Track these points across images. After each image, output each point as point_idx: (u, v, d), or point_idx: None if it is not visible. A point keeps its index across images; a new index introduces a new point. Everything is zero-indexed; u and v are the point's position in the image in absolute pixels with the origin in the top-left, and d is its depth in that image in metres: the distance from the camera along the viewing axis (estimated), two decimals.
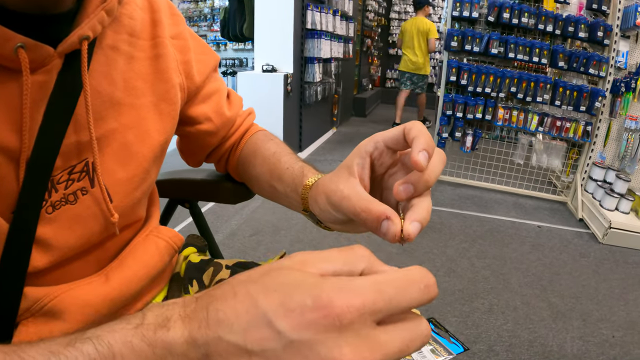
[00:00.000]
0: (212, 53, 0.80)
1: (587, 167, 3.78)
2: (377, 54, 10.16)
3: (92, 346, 0.32)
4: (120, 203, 0.62)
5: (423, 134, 0.47)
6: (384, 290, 0.30)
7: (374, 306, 0.29)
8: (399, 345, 0.30)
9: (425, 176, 0.47)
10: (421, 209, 0.47)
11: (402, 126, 0.50)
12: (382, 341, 0.29)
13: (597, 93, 3.52)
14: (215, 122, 0.80)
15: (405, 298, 0.30)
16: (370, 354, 0.28)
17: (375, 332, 0.29)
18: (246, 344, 0.30)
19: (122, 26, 0.61)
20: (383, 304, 0.29)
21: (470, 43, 3.72)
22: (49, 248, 0.55)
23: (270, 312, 0.29)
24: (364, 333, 0.29)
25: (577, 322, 2.23)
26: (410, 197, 0.48)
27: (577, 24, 3.53)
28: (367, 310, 0.29)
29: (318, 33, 4.75)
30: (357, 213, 0.49)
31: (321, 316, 0.28)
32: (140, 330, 0.33)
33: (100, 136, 0.58)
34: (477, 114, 3.83)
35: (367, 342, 0.29)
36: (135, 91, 0.62)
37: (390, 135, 0.51)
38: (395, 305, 0.30)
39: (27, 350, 0.33)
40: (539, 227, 3.47)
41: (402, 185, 0.48)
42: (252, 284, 0.32)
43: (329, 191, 0.54)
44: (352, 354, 0.28)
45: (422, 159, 0.45)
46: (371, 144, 0.53)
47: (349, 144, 5.88)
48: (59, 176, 0.54)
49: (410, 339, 0.31)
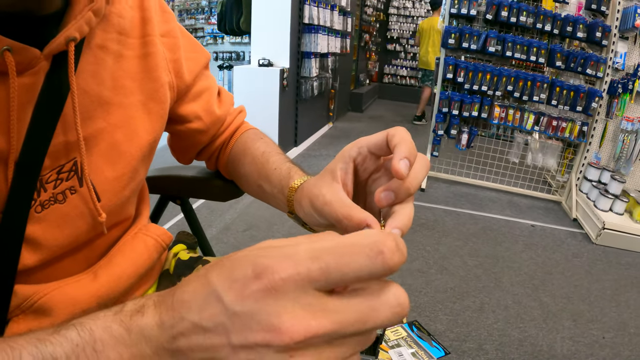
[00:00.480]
0: (203, 51, 0.80)
1: (582, 167, 3.79)
2: (375, 49, 10.15)
3: (76, 332, 0.34)
4: (109, 202, 0.62)
5: (405, 141, 0.47)
6: (321, 257, 0.29)
7: (309, 274, 0.28)
8: (354, 314, 0.29)
9: (407, 184, 0.47)
10: (402, 215, 0.47)
11: (386, 132, 0.49)
12: (331, 309, 0.28)
13: (594, 93, 3.52)
14: (206, 120, 0.79)
15: (348, 266, 0.29)
16: (317, 321, 0.28)
17: (323, 300, 0.28)
18: (201, 321, 0.30)
19: (111, 25, 0.61)
20: (320, 273, 0.28)
21: (467, 41, 3.71)
22: (38, 247, 0.55)
23: (219, 286, 0.29)
24: (305, 301, 0.28)
25: (567, 323, 2.24)
26: (391, 204, 0.48)
27: (576, 23, 3.52)
28: (303, 278, 0.28)
29: (315, 28, 4.74)
30: (338, 219, 0.49)
31: (259, 285, 0.28)
32: (119, 317, 0.34)
33: (89, 136, 0.58)
34: (473, 112, 3.83)
35: (311, 309, 0.28)
36: (124, 90, 0.62)
37: (374, 141, 0.51)
38: (336, 274, 0.28)
39: (16, 339, 0.34)
40: (533, 226, 3.48)
41: (383, 192, 0.47)
42: (212, 266, 0.32)
43: (312, 196, 0.54)
44: (292, 321, 0.27)
45: (403, 167, 0.44)
46: (355, 149, 0.52)
47: (345, 139, 5.87)
48: (48, 176, 0.55)
49: (371, 307, 0.29)
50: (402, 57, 10.58)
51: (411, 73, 10.48)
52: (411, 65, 10.46)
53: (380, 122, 7.52)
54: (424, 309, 2.25)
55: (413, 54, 10.40)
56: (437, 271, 2.64)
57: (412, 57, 10.42)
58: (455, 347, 1.96)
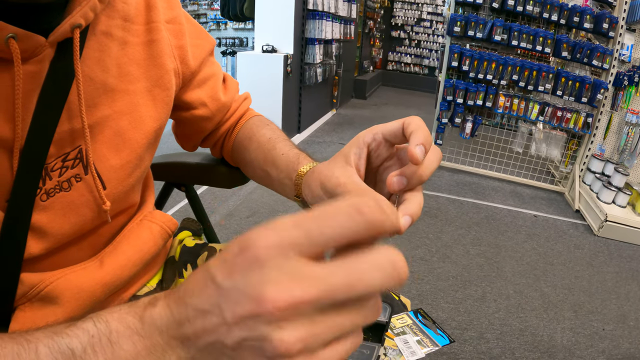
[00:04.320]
0: (208, 37, 0.79)
1: (586, 158, 3.78)
2: (380, 36, 10.08)
3: (92, 323, 0.34)
4: (114, 190, 0.62)
5: (421, 129, 0.48)
6: (303, 223, 0.28)
7: (292, 240, 0.28)
8: (341, 279, 0.27)
9: (420, 170, 0.47)
10: (413, 203, 0.48)
11: (402, 120, 0.50)
12: (317, 275, 0.27)
13: (600, 85, 3.50)
14: (211, 107, 0.79)
15: (330, 227, 0.28)
16: (301, 288, 0.27)
17: (308, 266, 0.28)
18: (200, 304, 0.30)
19: (115, 11, 0.60)
20: (302, 237, 0.28)
21: (473, 29, 3.69)
22: (44, 235, 0.55)
23: (212, 269, 0.30)
24: (289, 269, 0.27)
25: (568, 313, 2.24)
26: (402, 189, 0.48)
27: (583, 14, 3.49)
28: (286, 245, 0.28)
29: (320, 14, 4.70)
30: None
31: (244, 258, 0.28)
32: (133, 309, 0.35)
33: (94, 123, 0.57)
34: (477, 101, 3.81)
35: (295, 276, 0.27)
36: (129, 77, 0.61)
37: (389, 128, 0.52)
38: (319, 237, 0.28)
39: (32, 333, 0.34)
40: (535, 216, 3.48)
41: (396, 177, 0.48)
42: (215, 256, 0.33)
43: (324, 177, 0.54)
44: (276, 289, 0.27)
45: (418, 153, 0.45)
46: (370, 135, 0.53)
47: (348, 126, 5.86)
48: (53, 164, 0.54)
49: (359, 270, 0.28)
50: (407, 44, 10.50)
51: (415, 60, 10.42)
52: (415, 53, 10.40)
53: (384, 109, 7.50)
54: (426, 297, 2.25)
55: (418, 41, 10.34)
56: (439, 259, 2.64)
57: (417, 44, 10.35)
58: (456, 335, 1.97)
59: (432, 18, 10.06)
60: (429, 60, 10.27)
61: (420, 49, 10.38)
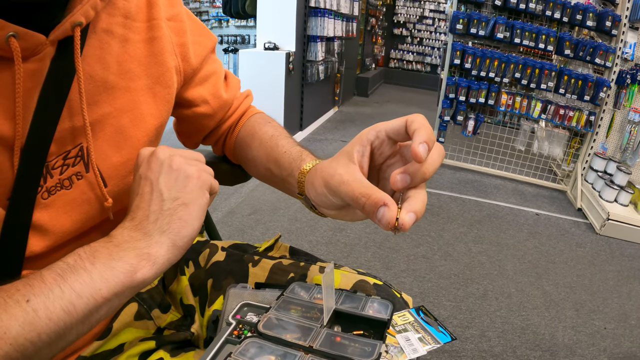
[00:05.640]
0: (210, 34, 0.79)
1: (588, 157, 3.78)
2: (382, 33, 10.07)
3: (70, 256, 0.46)
4: (115, 187, 0.61)
5: (424, 127, 0.48)
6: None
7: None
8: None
9: (423, 168, 0.48)
10: (417, 200, 0.48)
11: (405, 118, 0.51)
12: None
13: (602, 83, 3.49)
14: (212, 104, 0.79)
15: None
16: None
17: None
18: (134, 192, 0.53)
19: (116, 9, 0.60)
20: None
21: (475, 26, 3.68)
22: (46, 233, 0.55)
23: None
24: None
25: (570, 312, 2.24)
26: (406, 187, 0.49)
27: (586, 12, 3.48)
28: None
29: (322, 11, 4.70)
30: (355, 197, 0.49)
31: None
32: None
33: (95, 121, 0.57)
34: (480, 99, 3.81)
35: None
36: (130, 74, 0.61)
37: (392, 126, 0.52)
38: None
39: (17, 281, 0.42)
40: (537, 214, 3.48)
41: (399, 174, 0.49)
42: None
43: (327, 175, 0.54)
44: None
45: (422, 151, 0.46)
46: (373, 133, 0.54)
47: (350, 123, 5.86)
48: (54, 162, 0.54)
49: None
50: (409, 42, 10.50)
51: (417, 58, 10.41)
52: (417, 50, 10.39)
53: (386, 107, 7.50)
54: (428, 294, 2.26)
55: (420, 39, 10.33)
56: (441, 257, 2.64)
57: (419, 41, 10.34)
58: (458, 333, 1.97)
59: (435, 15, 10.05)
60: (431, 58, 10.26)
61: (423, 46, 10.37)
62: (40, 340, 0.40)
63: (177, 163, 0.53)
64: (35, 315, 0.39)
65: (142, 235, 0.49)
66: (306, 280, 0.74)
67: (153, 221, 0.50)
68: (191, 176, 0.53)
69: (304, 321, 0.56)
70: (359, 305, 0.60)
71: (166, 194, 0.51)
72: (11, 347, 0.38)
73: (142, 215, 0.50)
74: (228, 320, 0.57)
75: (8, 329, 0.38)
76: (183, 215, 0.51)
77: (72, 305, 0.42)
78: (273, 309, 0.58)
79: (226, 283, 0.77)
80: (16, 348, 0.38)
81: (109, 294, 0.44)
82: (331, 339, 0.52)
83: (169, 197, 0.51)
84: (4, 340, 0.37)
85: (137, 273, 0.46)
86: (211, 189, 0.56)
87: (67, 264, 0.44)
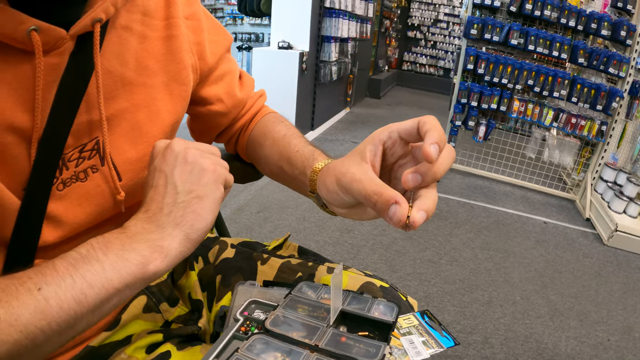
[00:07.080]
0: (226, 34, 0.80)
1: (598, 167, 3.75)
2: (396, 35, 10.05)
3: (83, 247, 0.46)
4: (130, 181, 0.62)
5: (436, 128, 0.49)
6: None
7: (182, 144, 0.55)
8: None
9: (434, 168, 0.49)
10: (428, 199, 0.50)
11: (417, 119, 0.52)
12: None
13: (615, 93, 3.47)
14: (227, 103, 0.80)
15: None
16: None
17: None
18: (148, 184, 0.54)
19: (135, 6, 0.61)
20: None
21: (490, 32, 3.67)
22: (59, 224, 0.56)
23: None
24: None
25: (574, 322, 2.23)
26: (417, 186, 0.50)
27: (601, 21, 3.46)
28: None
29: (336, 12, 4.70)
30: (368, 195, 0.50)
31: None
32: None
33: (111, 115, 0.58)
34: (492, 104, 3.80)
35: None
36: (147, 71, 0.62)
37: (405, 127, 0.53)
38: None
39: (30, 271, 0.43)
40: (545, 223, 3.46)
41: (411, 174, 0.50)
42: None
43: (339, 173, 0.55)
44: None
45: (433, 151, 0.47)
46: (385, 133, 0.55)
47: (361, 125, 5.86)
48: (70, 154, 0.55)
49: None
50: (423, 45, 10.48)
51: (431, 61, 10.39)
52: (431, 54, 10.36)
53: (398, 109, 7.49)
54: (433, 299, 2.26)
55: (433, 42, 10.30)
56: (447, 262, 2.64)
57: (433, 45, 10.31)
58: (461, 338, 1.97)
59: (449, 19, 10.02)
60: (444, 62, 10.24)
61: (436, 50, 10.35)
62: (51, 329, 0.40)
63: (192, 156, 0.54)
64: (47, 304, 0.40)
65: (156, 228, 0.49)
66: (314, 280, 0.75)
67: (167, 214, 0.50)
68: (206, 169, 0.53)
69: (311, 320, 0.56)
70: (365, 306, 0.61)
71: (180, 186, 0.52)
72: (21, 335, 0.38)
73: (156, 207, 0.51)
74: (236, 316, 0.58)
75: (19, 316, 0.38)
76: (197, 209, 0.51)
77: (84, 295, 0.42)
78: (281, 307, 0.59)
79: (235, 280, 0.78)
80: (26, 335, 0.39)
81: (120, 284, 0.45)
82: (337, 338, 0.53)
83: (183, 189, 0.52)
84: (14, 327, 0.38)
85: (149, 265, 0.47)
86: (226, 183, 0.57)
87: (80, 254, 0.45)
